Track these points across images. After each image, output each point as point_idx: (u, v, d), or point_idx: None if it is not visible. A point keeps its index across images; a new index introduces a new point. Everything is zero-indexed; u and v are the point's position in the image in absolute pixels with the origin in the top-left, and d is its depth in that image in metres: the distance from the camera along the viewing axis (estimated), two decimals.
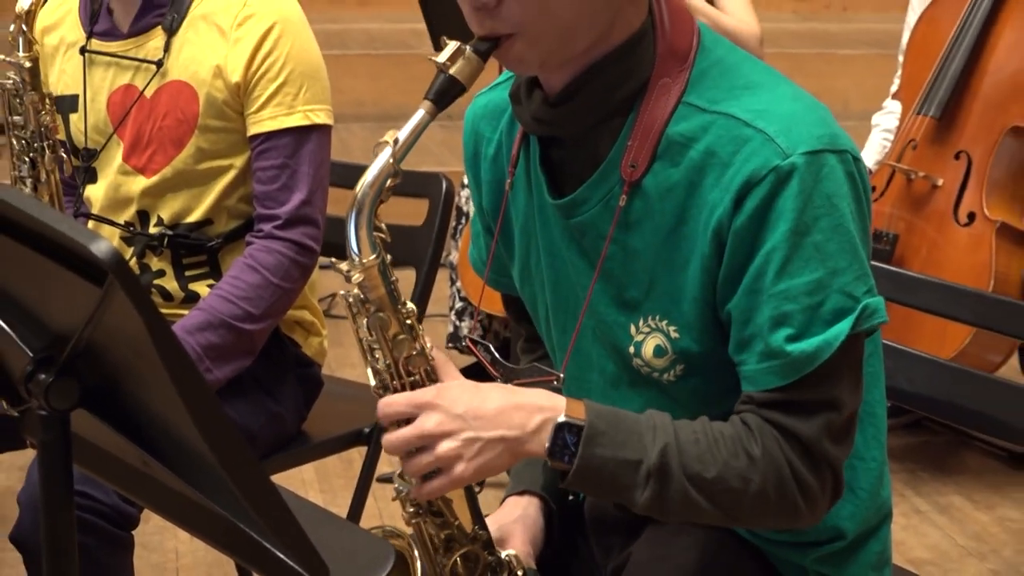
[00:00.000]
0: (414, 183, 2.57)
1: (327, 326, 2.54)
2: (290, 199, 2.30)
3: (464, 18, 1.54)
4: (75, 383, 1.20)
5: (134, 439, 1.22)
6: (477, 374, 1.67)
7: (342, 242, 1.51)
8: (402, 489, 1.58)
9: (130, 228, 2.38)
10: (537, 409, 1.51)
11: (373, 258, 1.51)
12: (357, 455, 2.60)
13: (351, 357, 4.18)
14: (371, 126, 5.95)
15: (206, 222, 2.36)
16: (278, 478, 1.88)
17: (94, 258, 1.07)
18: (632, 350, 1.61)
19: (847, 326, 1.50)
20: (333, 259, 1.54)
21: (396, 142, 1.50)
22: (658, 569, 1.65)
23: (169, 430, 1.18)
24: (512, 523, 1.72)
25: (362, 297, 1.53)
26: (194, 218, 2.35)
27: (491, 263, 1.76)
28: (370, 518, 3.19)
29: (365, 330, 1.54)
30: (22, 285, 1.25)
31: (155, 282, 2.38)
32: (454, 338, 3.91)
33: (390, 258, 1.53)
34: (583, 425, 1.51)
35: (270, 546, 1.19)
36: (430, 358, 1.55)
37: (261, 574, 1.22)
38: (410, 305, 1.54)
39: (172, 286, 2.38)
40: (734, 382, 1.56)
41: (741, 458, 1.52)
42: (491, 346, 1.70)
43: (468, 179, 1.79)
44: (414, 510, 1.61)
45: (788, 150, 1.48)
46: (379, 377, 1.55)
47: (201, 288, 2.37)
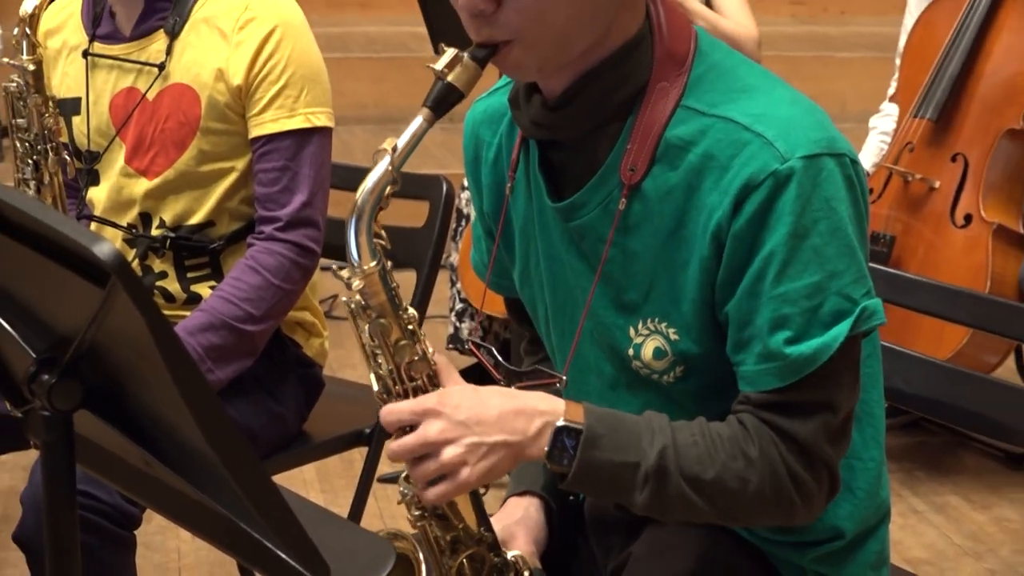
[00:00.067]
0: (415, 185, 2.56)
1: (328, 327, 2.54)
2: (291, 201, 2.30)
3: None
4: (78, 384, 1.20)
5: (136, 439, 1.22)
6: (478, 375, 1.68)
7: (343, 244, 1.51)
8: (407, 492, 1.59)
9: (132, 230, 2.38)
10: (537, 413, 1.52)
11: (373, 265, 1.51)
12: (358, 455, 2.60)
13: (352, 358, 4.18)
14: (372, 128, 5.96)
15: (208, 224, 2.36)
16: (279, 478, 1.89)
17: (97, 260, 1.07)
18: (631, 352, 1.61)
19: (846, 328, 1.50)
20: (334, 264, 1.54)
21: (395, 150, 1.49)
22: (658, 568, 1.65)
23: (171, 430, 1.18)
24: (515, 523, 1.73)
25: (363, 303, 1.53)
26: (196, 220, 2.36)
27: (493, 267, 1.77)
28: (371, 518, 3.20)
29: (367, 336, 1.54)
30: (25, 287, 1.25)
31: (157, 284, 2.38)
32: (454, 339, 3.91)
33: (390, 264, 1.53)
34: (582, 429, 1.51)
35: (272, 546, 1.18)
36: (432, 363, 1.56)
37: (263, 574, 1.22)
38: (411, 311, 1.55)
39: (174, 287, 2.38)
40: (733, 383, 1.56)
41: (739, 459, 1.52)
42: (493, 349, 1.70)
43: (469, 183, 1.79)
44: (419, 513, 1.62)
45: (786, 154, 1.48)
46: (382, 382, 1.56)
47: (203, 289, 2.37)
